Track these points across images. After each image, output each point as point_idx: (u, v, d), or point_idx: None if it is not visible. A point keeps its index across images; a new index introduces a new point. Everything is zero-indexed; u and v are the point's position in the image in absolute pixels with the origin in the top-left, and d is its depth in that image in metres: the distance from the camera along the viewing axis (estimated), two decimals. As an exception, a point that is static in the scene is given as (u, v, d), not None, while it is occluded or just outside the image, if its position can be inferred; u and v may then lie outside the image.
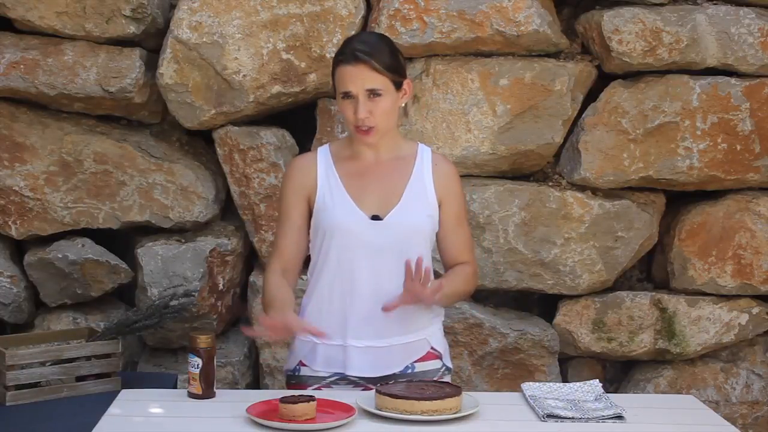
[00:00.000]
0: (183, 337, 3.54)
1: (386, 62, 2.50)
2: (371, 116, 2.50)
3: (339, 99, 2.55)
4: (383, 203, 2.56)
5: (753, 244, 3.64)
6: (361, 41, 2.56)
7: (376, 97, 2.49)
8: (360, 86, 2.49)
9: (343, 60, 2.51)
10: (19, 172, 3.54)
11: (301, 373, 2.64)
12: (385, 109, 2.51)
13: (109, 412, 2.38)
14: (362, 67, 2.48)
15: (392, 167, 2.61)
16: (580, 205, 3.58)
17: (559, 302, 3.68)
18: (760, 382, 3.76)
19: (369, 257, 2.55)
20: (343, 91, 2.52)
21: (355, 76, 2.48)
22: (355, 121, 2.51)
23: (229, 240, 3.63)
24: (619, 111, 3.54)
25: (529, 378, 3.57)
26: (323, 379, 2.61)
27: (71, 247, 3.57)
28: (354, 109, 2.50)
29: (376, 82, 2.49)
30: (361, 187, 2.57)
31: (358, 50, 2.50)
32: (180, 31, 3.46)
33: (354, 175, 2.59)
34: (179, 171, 3.59)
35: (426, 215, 2.59)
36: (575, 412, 2.41)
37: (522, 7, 3.45)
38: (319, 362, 2.61)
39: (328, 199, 2.57)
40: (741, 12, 3.54)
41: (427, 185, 2.61)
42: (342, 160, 2.62)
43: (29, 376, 2.85)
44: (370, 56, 2.48)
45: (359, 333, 2.57)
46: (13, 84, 3.48)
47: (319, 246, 2.60)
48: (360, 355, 2.57)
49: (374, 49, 2.51)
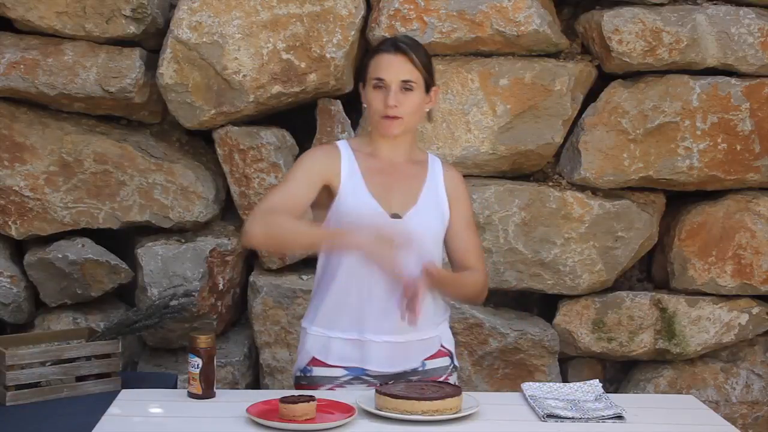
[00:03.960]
0: (183, 337, 3.54)
1: (423, 60, 2.56)
2: (400, 107, 2.53)
3: (369, 88, 2.56)
4: (402, 203, 2.58)
5: (753, 244, 3.64)
6: (404, 36, 2.70)
7: (407, 90, 2.53)
8: (395, 75, 2.52)
9: (384, 49, 2.56)
10: (19, 172, 3.54)
11: (313, 373, 2.61)
12: (414, 104, 2.55)
13: (109, 412, 2.38)
14: (401, 58, 2.53)
15: (409, 169, 2.63)
16: (580, 205, 3.58)
17: (559, 302, 3.68)
18: (760, 382, 3.76)
19: None
20: (376, 77, 2.54)
21: (393, 65, 2.53)
22: (382, 110, 2.53)
23: (229, 240, 3.63)
24: (619, 111, 3.55)
25: (529, 378, 3.57)
26: (336, 378, 2.58)
27: (71, 247, 3.57)
28: (384, 97, 2.52)
29: (411, 75, 2.53)
30: (382, 185, 2.58)
31: (400, 41, 2.57)
32: (180, 31, 3.46)
33: (375, 172, 2.60)
34: (179, 171, 3.59)
35: (440, 218, 2.63)
36: (575, 412, 2.41)
37: (522, 7, 3.46)
38: (335, 357, 2.59)
39: (350, 193, 2.56)
40: (741, 12, 3.54)
41: (439, 191, 2.64)
42: (363, 156, 2.62)
43: (29, 376, 2.85)
44: (410, 48, 2.55)
45: (377, 328, 2.56)
46: (13, 84, 3.48)
47: None
48: (378, 349, 2.56)
49: (414, 45, 2.59)
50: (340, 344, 2.58)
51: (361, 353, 2.57)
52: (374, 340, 2.56)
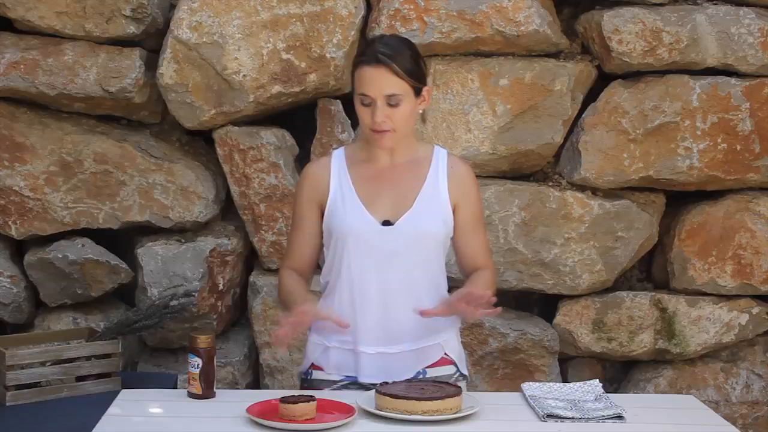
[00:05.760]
0: (183, 337, 3.54)
1: (407, 67, 2.44)
2: (389, 120, 2.46)
3: (357, 101, 2.49)
4: (396, 208, 2.53)
5: (753, 244, 3.64)
6: (384, 43, 2.49)
7: (394, 103, 2.44)
8: (379, 90, 2.43)
9: (365, 61, 2.46)
10: (19, 172, 3.54)
11: (313, 376, 2.62)
12: (404, 115, 2.47)
13: (109, 412, 2.38)
14: (383, 70, 2.43)
15: (407, 170, 2.57)
16: (580, 205, 3.58)
17: (559, 302, 3.68)
18: (760, 382, 3.76)
19: (379, 263, 2.51)
20: (361, 93, 2.46)
21: (375, 79, 2.43)
22: (371, 125, 2.47)
23: (229, 240, 3.63)
24: (619, 111, 3.55)
25: (529, 378, 3.57)
26: (335, 382, 2.59)
27: (71, 247, 3.57)
28: (372, 113, 2.45)
29: (395, 87, 2.43)
30: (373, 192, 2.54)
31: (381, 52, 2.44)
32: (180, 31, 3.46)
33: (367, 179, 2.56)
34: (179, 171, 3.59)
35: (440, 220, 2.55)
36: (575, 412, 2.41)
37: (522, 7, 3.45)
38: (332, 366, 2.60)
39: (340, 205, 2.54)
40: (741, 12, 3.54)
41: (441, 189, 2.55)
42: (356, 163, 2.58)
43: (29, 376, 2.85)
44: (391, 59, 2.42)
45: (369, 339, 2.54)
46: (13, 84, 3.48)
47: (332, 251, 2.58)
48: (371, 361, 2.54)
49: (396, 52, 2.45)
50: (337, 353, 2.58)
51: (355, 363, 2.57)
52: (367, 352, 2.55)
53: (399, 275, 2.52)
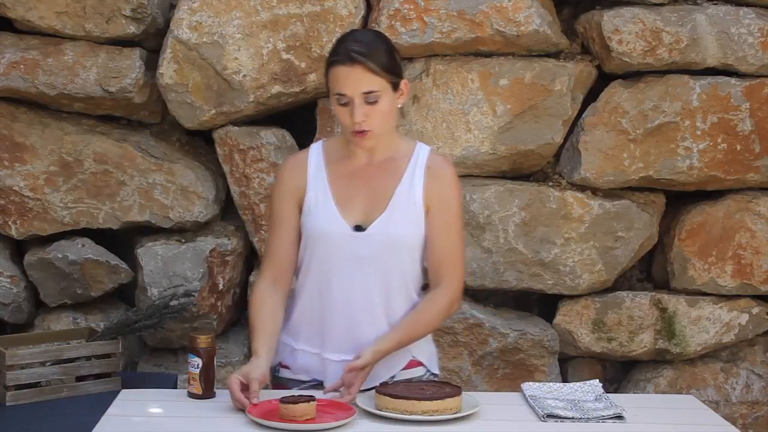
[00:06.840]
0: (183, 337, 3.54)
1: (383, 63, 2.38)
2: (368, 120, 2.40)
3: (333, 101, 2.43)
4: (369, 211, 2.47)
5: (753, 244, 3.64)
6: (356, 40, 2.42)
7: (372, 101, 2.39)
8: (355, 89, 2.37)
9: (338, 60, 2.39)
10: (19, 172, 3.54)
11: (281, 374, 2.62)
12: (383, 112, 2.41)
13: (109, 412, 2.38)
14: (358, 69, 2.36)
15: (383, 170, 2.51)
16: (580, 205, 3.58)
17: (559, 302, 3.68)
18: (760, 382, 3.76)
19: (350, 268, 2.47)
20: (337, 93, 2.40)
21: (351, 78, 2.36)
22: (351, 126, 2.41)
23: (229, 240, 3.63)
24: (619, 111, 3.55)
25: (529, 378, 3.57)
26: (303, 382, 2.59)
27: (71, 247, 3.57)
28: (350, 113, 2.39)
29: (372, 84, 2.37)
30: (348, 193, 2.48)
31: (353, 50, 2.37)
32: (180, 31, 3.46)
33: (344, 177, 2.50)
34: (179, 171, 3.59)
35: (413, 223, 2.49)
36: (575, 412, 2.41)
37: (522, 7, 3.45)
38: (299, 367, 2.59)
39: (313, 205, 2.49)
40: (741, 12, 3.54)
41: (416, 189, 2.48)
42: (334, 160, 2.53)
43: (29, 376, 2.85)
44: (365, 57, 2.36)
45: (335, 347, 2.51)
46: (13, 84, 3.48)
47: (303, 252, 2.54)
48: (337, 368, 2.49)
49: (370, 48, 2.38)
50: (304, 356, 2.57)
51: (322, 369, 2.55)
52: (332, 359, 2.52)
53: (369, 281, 2.47)
